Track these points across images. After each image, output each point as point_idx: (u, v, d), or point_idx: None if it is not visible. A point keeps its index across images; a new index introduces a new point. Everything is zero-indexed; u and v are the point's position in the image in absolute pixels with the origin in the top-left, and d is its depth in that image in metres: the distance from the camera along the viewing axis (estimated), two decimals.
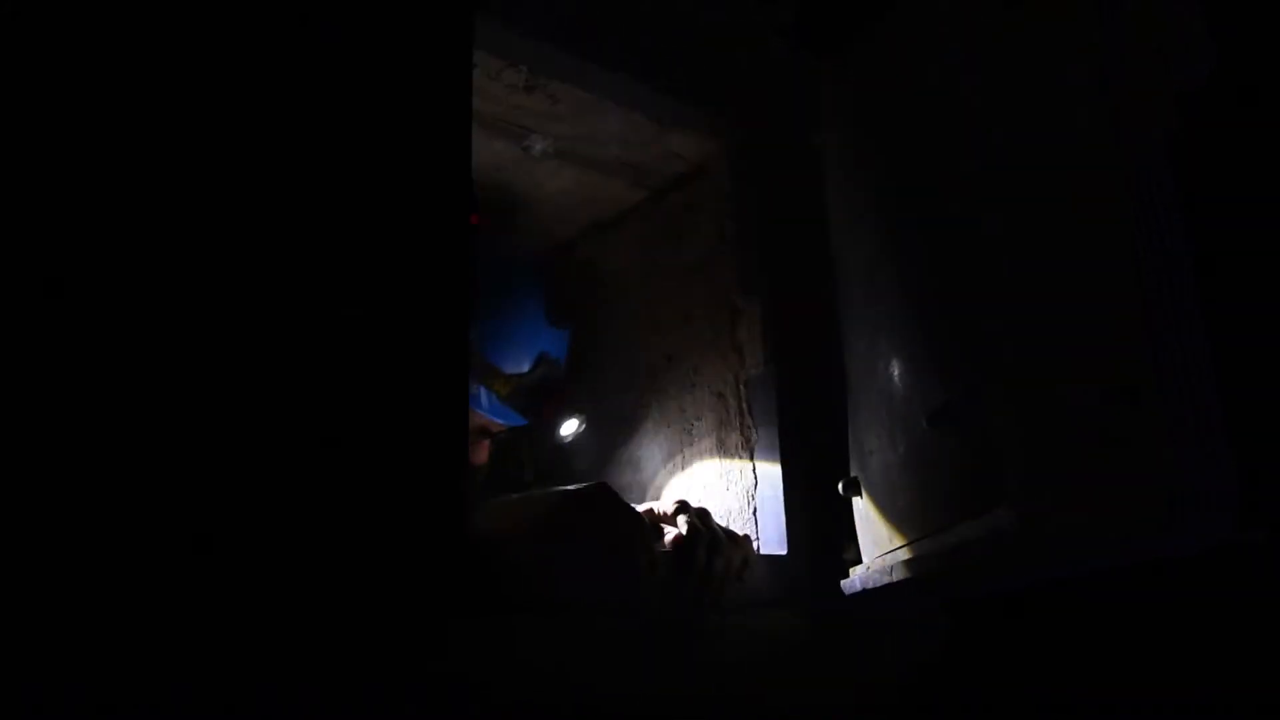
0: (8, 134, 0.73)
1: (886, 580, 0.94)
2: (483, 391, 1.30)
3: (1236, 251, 0.76)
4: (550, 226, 1.62)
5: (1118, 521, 0.70)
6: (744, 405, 1.34)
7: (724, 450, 1.40)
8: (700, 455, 1.46)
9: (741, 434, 1.35)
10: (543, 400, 1.41)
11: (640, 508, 1.00)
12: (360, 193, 0.86)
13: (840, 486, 1.06)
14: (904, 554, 0.92)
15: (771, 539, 1.15)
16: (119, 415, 0.72)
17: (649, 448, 1.56)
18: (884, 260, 1.02)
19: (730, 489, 1.36)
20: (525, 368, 1.37)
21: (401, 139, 0.90)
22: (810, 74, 1.16)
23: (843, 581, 1.02)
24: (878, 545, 0.98)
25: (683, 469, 1.50)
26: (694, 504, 1.02)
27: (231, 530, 0.75)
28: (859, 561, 1.01)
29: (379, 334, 0.83)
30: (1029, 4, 0.83)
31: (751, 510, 1.25)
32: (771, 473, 1.22)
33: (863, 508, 1.03)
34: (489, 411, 1.32)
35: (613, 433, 1.60)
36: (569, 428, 1.47)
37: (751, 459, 1.31)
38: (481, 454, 1.37)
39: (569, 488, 0.99)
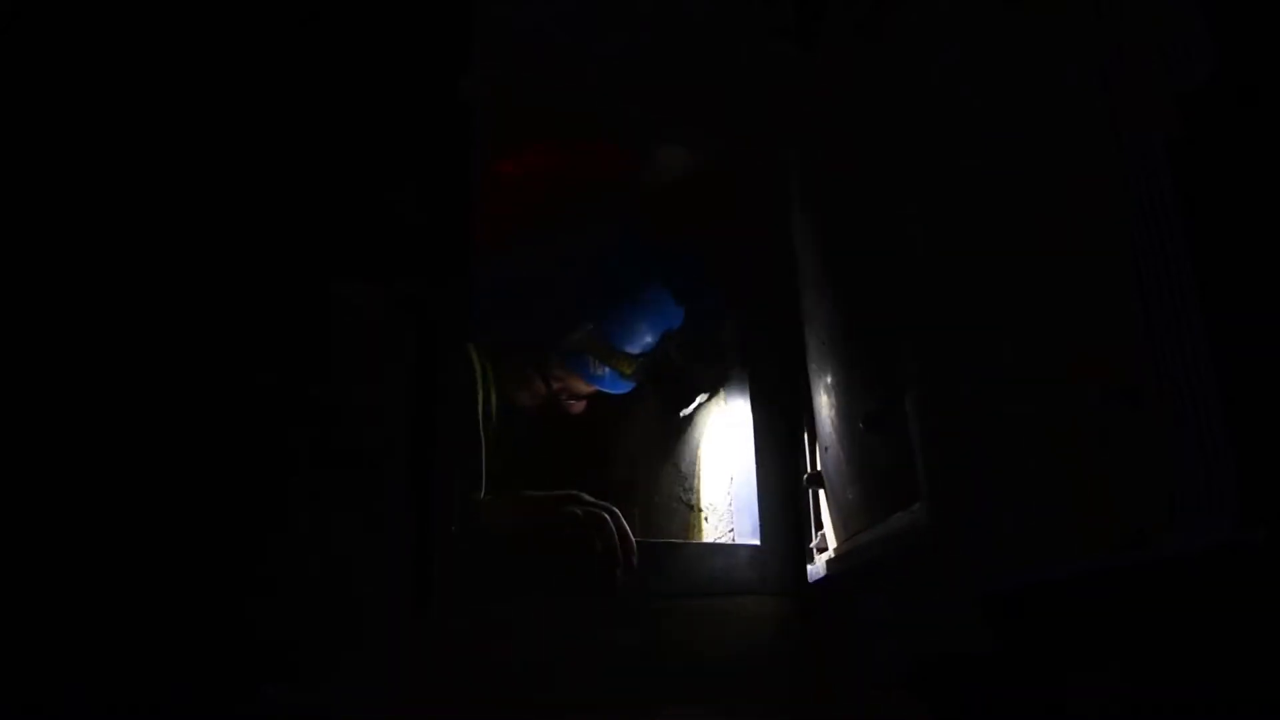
0: None
1: (842, 567, 1.01)
2: (607, 371, 1.42)
3: (1237, 251, 0.76)
4: None
5: (1118, 521, 0.70)
6: (723, 404, 1.38)
7: (707, 445, 1.43)
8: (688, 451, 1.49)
9: (720, 430, 1.38)
10: (661, 371, 1.50)
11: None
12: None
13: (805, 480, 1.16)
14: (855, 542, 0.98)
15: (746, 530, 1.21)
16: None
17: (642, 442, 1.58)
18: (830, 270, 1.08)
19: (712, 481, 1.39)
20: (650, 345, 1.44)
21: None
22: (798, 80, 1.18)
23: (809, 567, 1.11)
24: (838, 534, 1.06)
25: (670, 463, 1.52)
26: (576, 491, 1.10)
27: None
28: (825, 549, 1.09)
29: None
30: (1029, 4, 0.83)
31: (728, 502, 1.29)
32: (745, 468, 1.26)
33: (825, 500, 1.10)
34: (607, 386, 1.45)
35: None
36: (694, 405, 1.52)
37: (728, 454, 1.34)
38: (578, 408, 1.50)
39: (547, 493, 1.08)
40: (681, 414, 1.53)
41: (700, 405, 1.51)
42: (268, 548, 0.76)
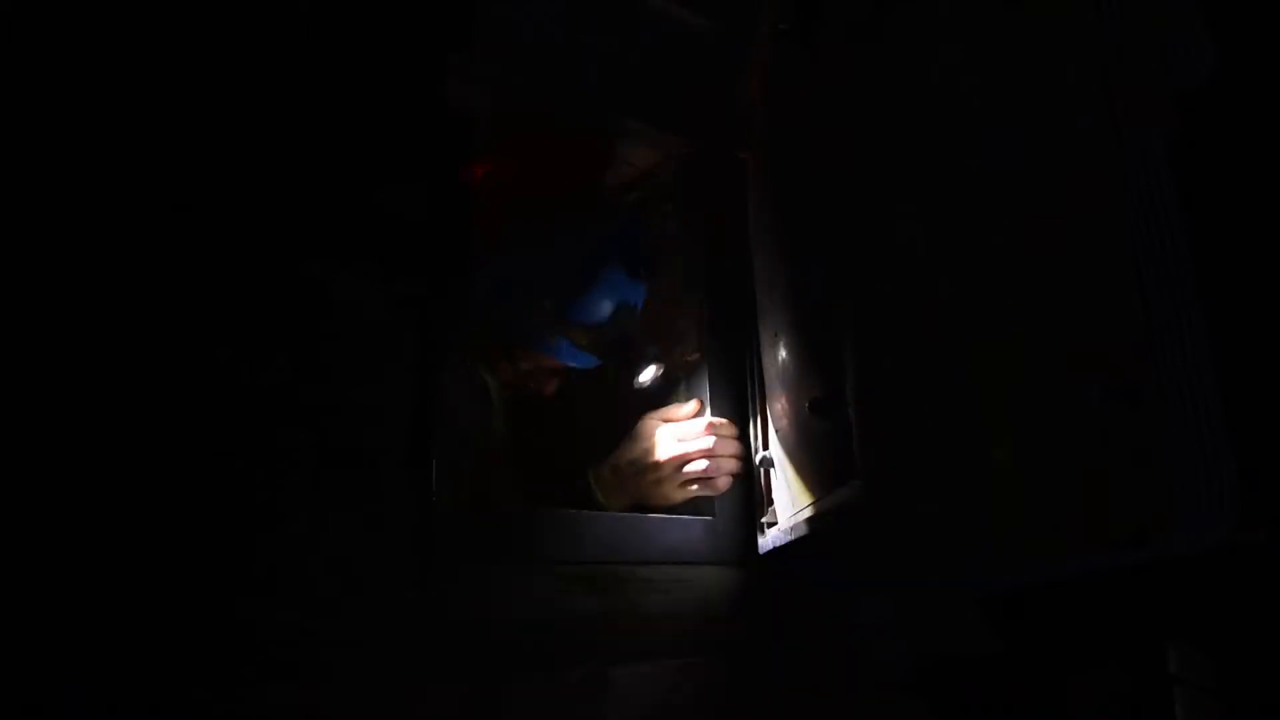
0: None
1: (789, 539, 1.05)
2: (562, 341, 1.46)
3: (1237, 251, 0.76)
4: None
5: (1117, 522, 0.70)
6: (684, 386, 1.44)
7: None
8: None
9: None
10: (621, 345, 1.55)
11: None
12: None
13: (757, 459, 1.23)
14: (802, 516, 1.02)
15: (702, 504, 1.27)
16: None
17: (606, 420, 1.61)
18: (787, 266, 1.14)
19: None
20: (606, 318, 1.47)
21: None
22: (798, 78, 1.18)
23: (759, 540, 1.16)
24: (786, 510, 1.11)
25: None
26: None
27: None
28: (775, 523, 1.14)
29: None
30: (1029, 4, 0.83)
31: None
32: None
33: (775, 476, 1.17)
34: (563, 357, 1.49)
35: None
36: (647, 375, 1.57)
37: None
38: (550, 388, 1.56)
39: None
40: (636, 384, 1.57)
41: (655, 377, 1.56)
42: (267, 548, 0.76)
